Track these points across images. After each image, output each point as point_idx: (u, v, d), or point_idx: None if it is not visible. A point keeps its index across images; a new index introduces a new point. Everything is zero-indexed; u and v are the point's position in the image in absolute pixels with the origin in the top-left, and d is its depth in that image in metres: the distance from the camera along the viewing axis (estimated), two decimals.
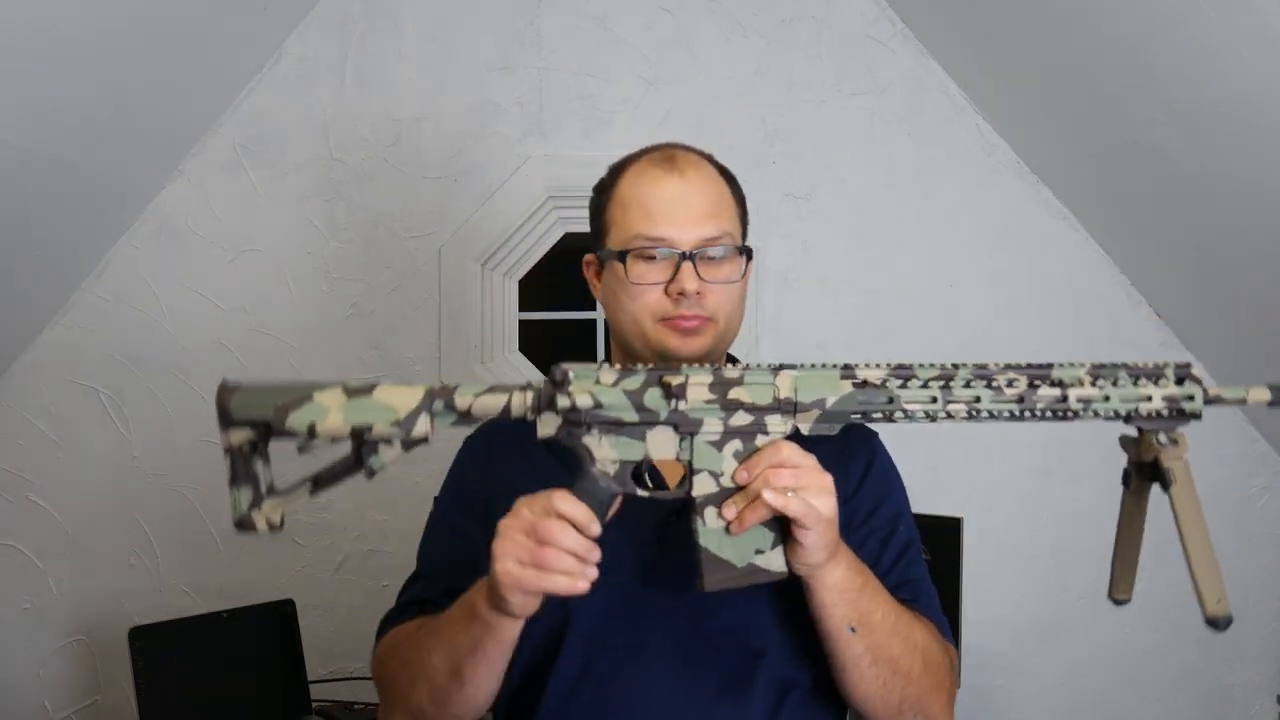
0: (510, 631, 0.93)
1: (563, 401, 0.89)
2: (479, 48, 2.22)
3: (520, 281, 2.32)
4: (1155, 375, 0.90)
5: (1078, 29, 1.87)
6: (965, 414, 0.91)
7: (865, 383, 0.91)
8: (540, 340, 2.36)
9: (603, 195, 1.13)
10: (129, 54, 1.77)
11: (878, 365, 0.92)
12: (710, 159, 1.14)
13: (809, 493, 0.87)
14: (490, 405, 0.91)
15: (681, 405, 0.90)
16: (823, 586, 0.94)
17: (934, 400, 0.91)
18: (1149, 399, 0.90)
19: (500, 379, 2.22)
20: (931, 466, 2.28)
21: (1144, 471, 0.91)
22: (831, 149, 2.28)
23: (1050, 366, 0.91)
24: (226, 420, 0.95)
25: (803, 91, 2.27)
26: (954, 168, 2.30)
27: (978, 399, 0.90)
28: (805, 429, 0.91)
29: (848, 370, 0.92)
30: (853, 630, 0.96)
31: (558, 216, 2.25)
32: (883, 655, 0.98)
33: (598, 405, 0.90)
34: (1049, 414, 0.90)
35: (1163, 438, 0.89)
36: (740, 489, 0.89)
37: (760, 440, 0.90)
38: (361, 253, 2.21)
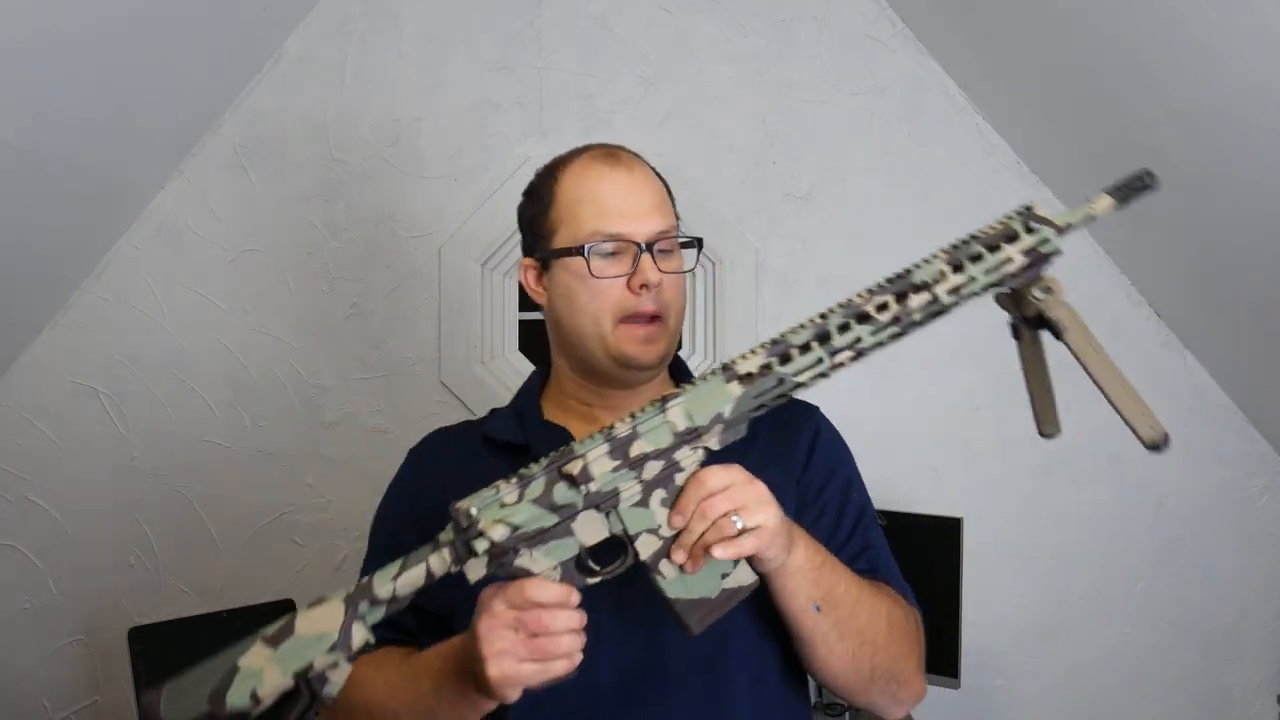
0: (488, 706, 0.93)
1: (480, 545, 0.87)
2: (479, 48, 2.22)
3: (520, 281, 2.32)
4: (1008, 235, 0.90)
5: (1078, 29, 1.87)
6: (853, 357, 0.90)
7: (749, 375, 0.89)
8: (540, 340, 2.35)
9: (540, 198, 1.13)
10: (129, 54, 1.77)
11: (753, 352, 0.90)
12: (639, 156, 1.15)
13: (748, 512, 0.86)
14: (413, 580, 0.88)
15: (592, 486, 0.87)
16: (786, 574, 0.93)
17: (819, 360, 0.89)
18: (1010, 260, 0.89)
19: (500, 379, 2.22)
20: (931, 466, 2.29)
21: (1030, 323, 0.91)
22: (831, 149, 2.28)
23: (909, 273, 0.89)
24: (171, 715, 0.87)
25: (803, 91, 2.27)
26: (954, 168, 2.30)
27: (858, 339, 0.89)
28: (715, 445, 0.89)
29: (728, 371, 0.89)
30: (818, 609, 0.95)
31: None
32: (849, 628, 0.98)
33: (514, 529, 0.87)
34: (927, 318, 0.90)
35: (1038, 291, 0.90)
36: (680, 532, 0.88)
37: (679, 478, 0.88)
38: (361, 253, 2.21)
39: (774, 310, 2.25)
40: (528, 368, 2.30)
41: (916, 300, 0.89)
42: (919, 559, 1.79)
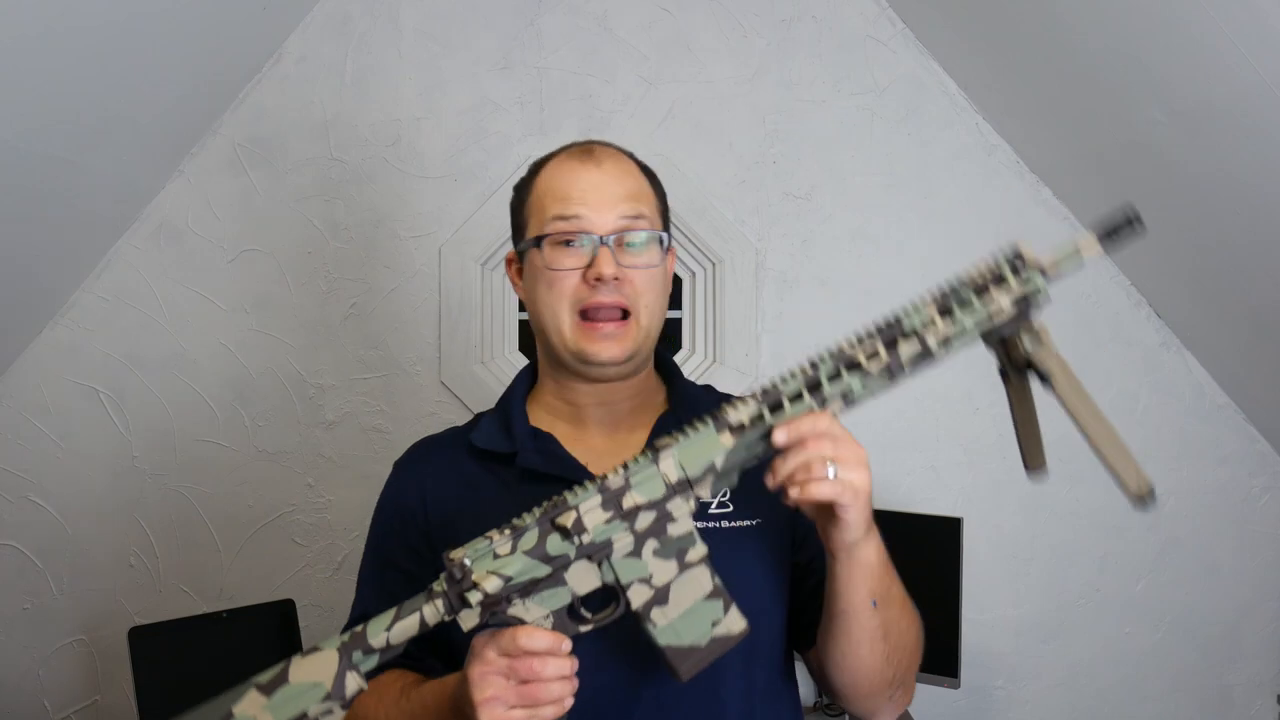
0: None
1: (474, 596, 0.87)
2: (479, 48, 2.22)
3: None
4: (995, 277, 0.90)
5: (1078, 29, 1.87)
6: (845, 405, 0.90)
7: (741, 426, 0.89)
8: None
9: (522, 191, 1.13)
10: (129, 54, 1.77)
11: (744, 401, 0.90)
12: (632, 156, 1.14)
13: (846, 465, 0.87)
14: (406, 629, 0.88)
15: (585, 538, 0.88)
16: (856, 563, 0.93)
17: (811, 410, 0.89)
18: (1001, 310, 0.89)
19: (500, 379, 2.22)
20: (931, 466, 2.29)
21: (1018, 367, 0.92)
22: (831, 149, 2.28)
23: (899, 320, 0.90)
24: None
25: (803, 91, 2.27)
26: (954, 168, 2.30)
27: (849, 388, 0.89)
28: (706, 495, 0.90)
29: (719, 420, 0.89)
30: (875, 605, 0.95)
31: None
32: (893, 629, 0.98)
33: (507, 580, 0.87)
34: (919, 366, 0.90)
35: (1027, 341, 0.90)
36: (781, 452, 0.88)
37: (671, 529, 0.89)
38: (361, 253, 2.21)
39: (774, 310, 2.25)
40: None
41: (906, 349, 0.89)
42: (919, 559, 1.80)
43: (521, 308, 2.32)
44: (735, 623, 0.89)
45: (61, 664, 2.17)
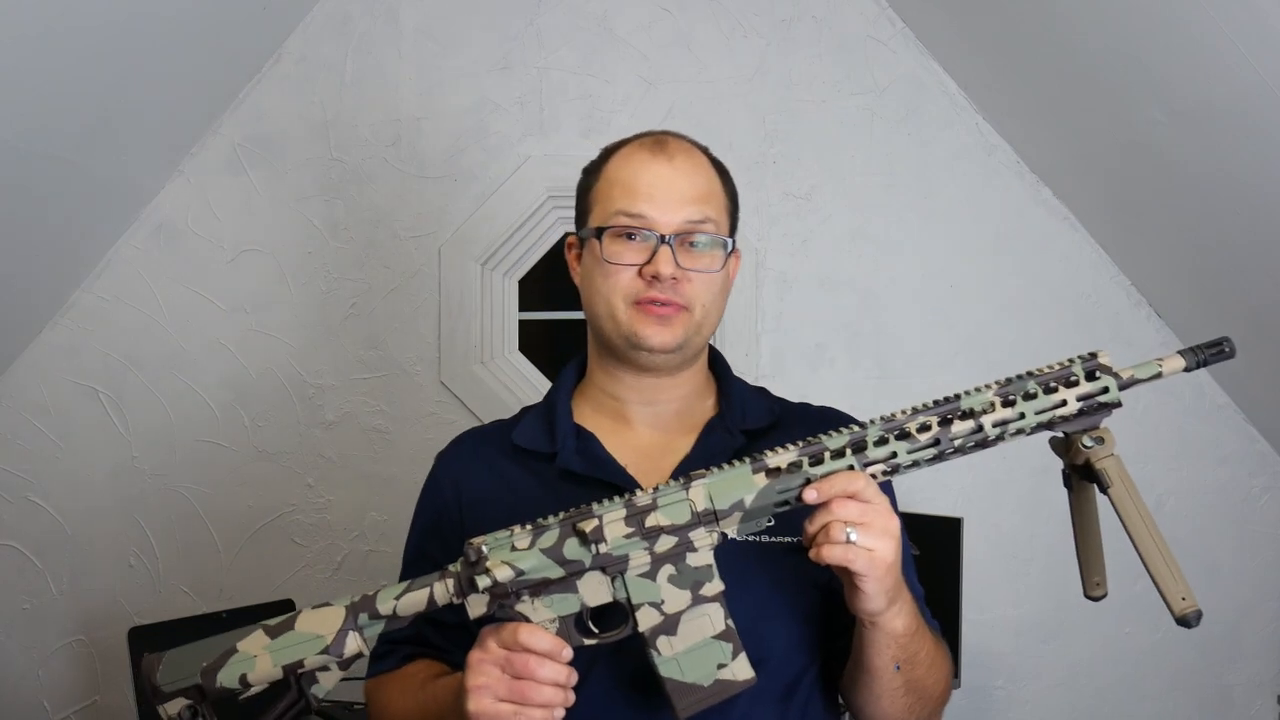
0: None
1: (483, 581, 0.87)
2: (479, 48, 2.22)
3: (520, 281, 2.32)
4: (1066, 378, 0.89)
5: (1078, 29, 1.87)
6: (885, 471, 0.90)
7: (777, 470, 0.89)
8: (540, 340, 2.36)
9: (590, 176, 1.11)
10: (129, 54, 1.77)
11: (785, 448, 0.90)
12: (706, 151, 1.13)
13: (871, 531, 0.86)
14: (415, 602, 0.90)
15: (602, 548, 0.88)
16: (879, 630, 0.93)
17: (850, 469, 0.89)
18: (1064, 403, 0.89)
19: (500, 379, 2.22)
20: (931, 466, 2.29)
21: (1080, 472, 0.91)
22: (831, 149, 2.28)
23: (958, 398, 0.90)
24: (159, 694, 0.90)
25: (803, 91, 2.27)
26: (954, 168, 2.30)
27: (893, 454, 0.89)
28: (732, 532, 0.89)
29: (758, 462, 0.89)
30: (897, 668, 0.96)
31: (557, 216, 2.25)
32: (916, 686, 0.99)
33: (519, 573, 0.88)
34: (970, 446, 0.90)
35: (1088, 440, 0.89)
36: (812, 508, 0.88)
37: (690, 559, 0.89)
38: (361, 253, 2.21)
39: (774, 310, 2.25)
40: (528, 368, 2.30)
41: (960, 427, 0.89)
42: (919, 559, 1.79)
43: (522, 308, 2.32)
44: (742, 670, 0.88)
45: (61, 664, 2.17)
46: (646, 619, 0.88)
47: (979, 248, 2.31)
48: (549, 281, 2.35)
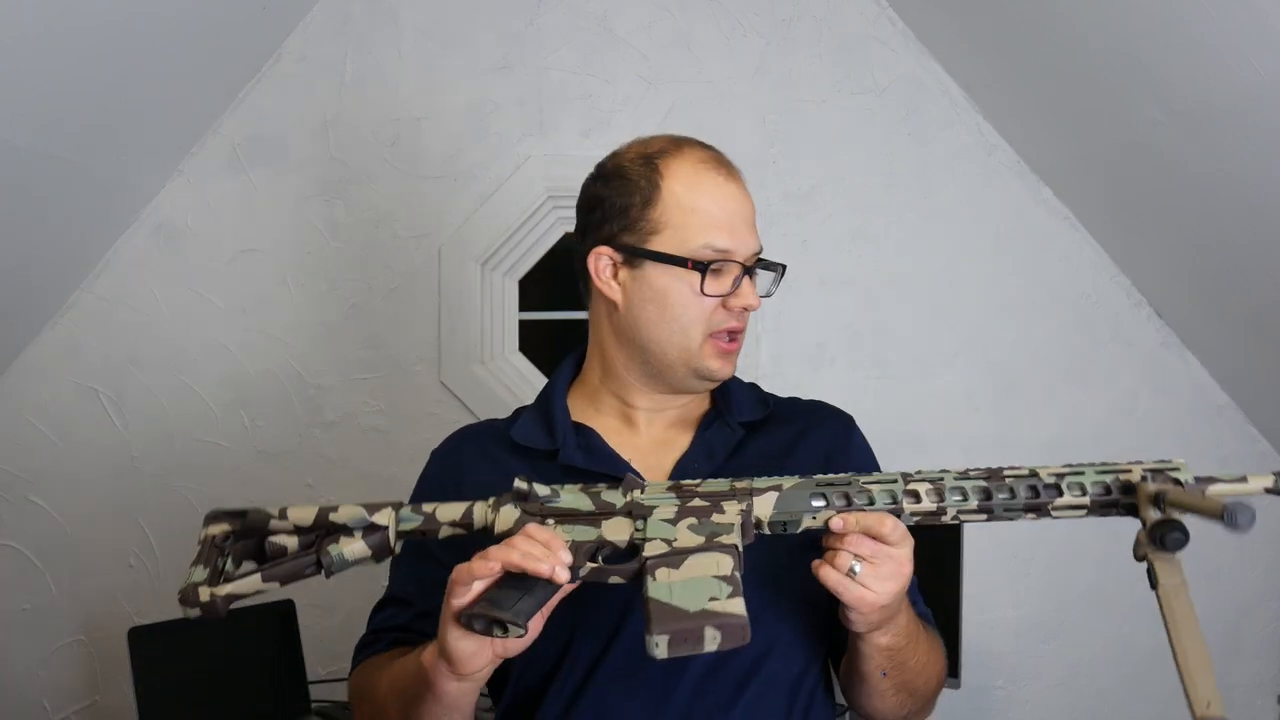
0: (460, 698, 0.91)
1: (521, 487, 0.90)
2: (479, 47, 2.22)
3: (520, 281, 2.32)
4: (1143, 475, 0.92)
5: (1078, 29, 1.87)
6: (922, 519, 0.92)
7: (818, 482, 0.91)
8: (540, 340, 2.36)
9: (639, 189, 1.04)
10: (129, 54, 1.77)
11: (840, 476, 0.93)
12: None
13: (877, 573, 0.87)
14: (451, 512, 0.93)
15: (637, 495, 0.90)
16: (869, 645, 0.95)
17: (894, 481, 0.91)
18: (1124, 487, 0.92)
19: (500, 379, 2.22)
20: (931, 467, 2.28)
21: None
22: (831, 149, 2.28)
23: (1035, 474, 0.92)
24: (209, 520, 0.96)
25: (803, 91, 2.27)
26: (954, 168, 2.30)
27: (938, 509, 0.92)
28: (765, 518, 0.89)
29: (807, 475, 0.92)
30: (884, 675, 0.98)
31: (557, 216, 2.25)
32: (906, 687, 1.01)
33: (555, 496, 0.90)
34: (1022, 508, 0.94)
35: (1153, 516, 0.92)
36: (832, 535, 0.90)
37: (715, 516, 0.89)
38: (361, 253, 2.21)
39: (774, 310, 2.25)
40: (528, 368, 2.30)
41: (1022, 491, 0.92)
42: (919, 559, 1.79)
43: (522, 308, 2.32)
44: (734, 606, 0.83)
45: (61, 664, 2.17)
46: (653, 549, 0.87)
47: (979, 248, 2.31)
48: (549, 281, 2.35)
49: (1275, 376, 2.18)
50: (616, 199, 1.06)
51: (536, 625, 0.86)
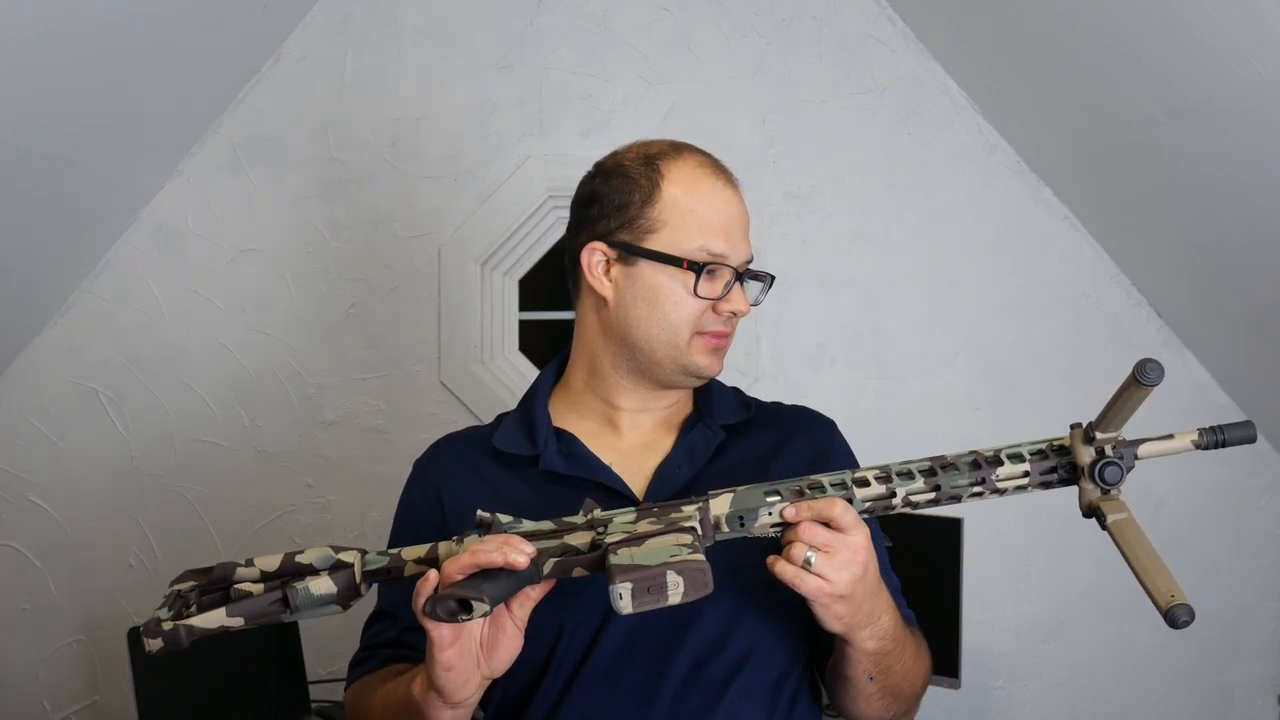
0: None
1: (484, 516, 0.90)
2: (479, 47, 2.22)
3: (520, 281, 2.32)
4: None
5: (1078, 29, 1.87)
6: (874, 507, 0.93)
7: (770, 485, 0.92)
8: (540, 340, 2.36)
9: (638, 187, 1.05)
10: (129, 54, 1.77)
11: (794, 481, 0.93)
12: None
13: (832, 561, 0.86)
14: (418, 550, 0.93)
15: (597, 512, 0.91)
16: (854, 649, 0.95)
17: (843, 484, 0.92)
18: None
19: (500, 379, 2.22)
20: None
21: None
22: (831, 149, 2.28)
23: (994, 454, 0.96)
24: (178, 578, 0.96)
25: (803, 91, 2.27)
26: (954, 168, 2.30)
27: (892, 494, 0.92)
28: (723, 515, 0.90)
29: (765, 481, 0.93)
30: (870, 679, 0.98)
31: (557, 216, 2.25)
32: (892, 690, 1.01)
33: (518, 522, 0.91)
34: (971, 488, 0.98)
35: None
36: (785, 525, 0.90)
37: (673, 515, 0.89)
38: (361, 253, 2.21)
39: (774, 310, 2.25)
40: (528, 368, 2.30)
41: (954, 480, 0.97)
42: (919, 559, 1.79)
43: (522, 308, 2.32)
44: (695, 556, 0.83)
45: (61, 664, 2.17)
46: (614, 538, 0.87)
47: (979, 248, 2.31)
48: (549, 281, 2.35)
49: (1275, 376, 2.18)
50: (615, 196, 1.06)
51: (519, 637, 0.88)
